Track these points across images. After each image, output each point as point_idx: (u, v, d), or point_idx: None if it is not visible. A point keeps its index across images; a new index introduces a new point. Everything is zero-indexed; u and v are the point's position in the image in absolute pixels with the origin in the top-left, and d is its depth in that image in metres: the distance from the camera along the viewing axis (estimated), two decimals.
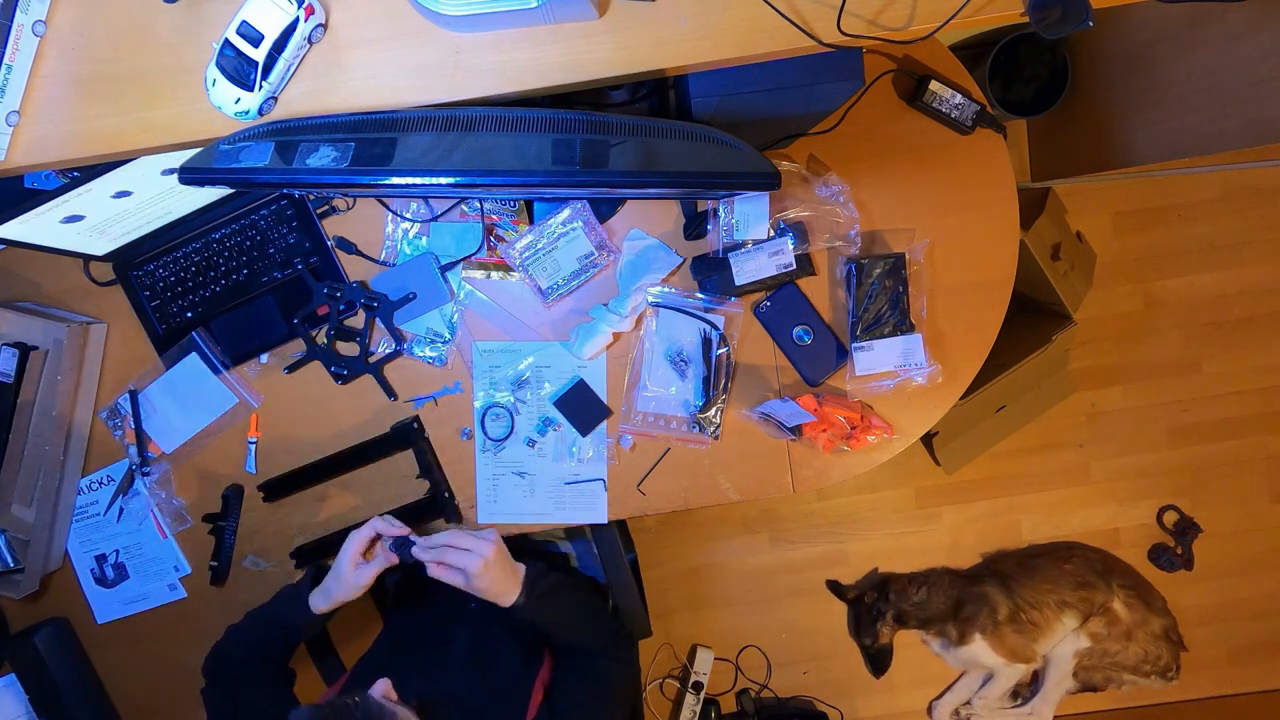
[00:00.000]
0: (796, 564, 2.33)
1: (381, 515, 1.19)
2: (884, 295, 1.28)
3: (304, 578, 1.20)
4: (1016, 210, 1.31)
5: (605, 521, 1.35)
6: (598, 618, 1.25)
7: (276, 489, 1.35)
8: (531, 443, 1.34)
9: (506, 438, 1.34)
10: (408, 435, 1.33)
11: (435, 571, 1.11)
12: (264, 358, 1.36)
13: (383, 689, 0.99)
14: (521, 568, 1.15)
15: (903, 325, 1.29)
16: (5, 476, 1.31)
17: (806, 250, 1.30)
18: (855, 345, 1.29)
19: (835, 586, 2.24)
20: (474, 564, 1.08)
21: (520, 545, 1.51)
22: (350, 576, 1.14)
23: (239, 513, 1.37)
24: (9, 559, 1.31)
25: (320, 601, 1.16)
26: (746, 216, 1.28)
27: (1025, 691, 2.17)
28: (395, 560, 1.15)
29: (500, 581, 1.11)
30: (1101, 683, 2.10)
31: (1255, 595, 2.31)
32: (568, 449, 1.34)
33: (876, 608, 2.11)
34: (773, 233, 1.29)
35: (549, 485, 1.35)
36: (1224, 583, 2.30)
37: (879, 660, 2.14)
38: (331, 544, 1.35)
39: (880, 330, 1.29)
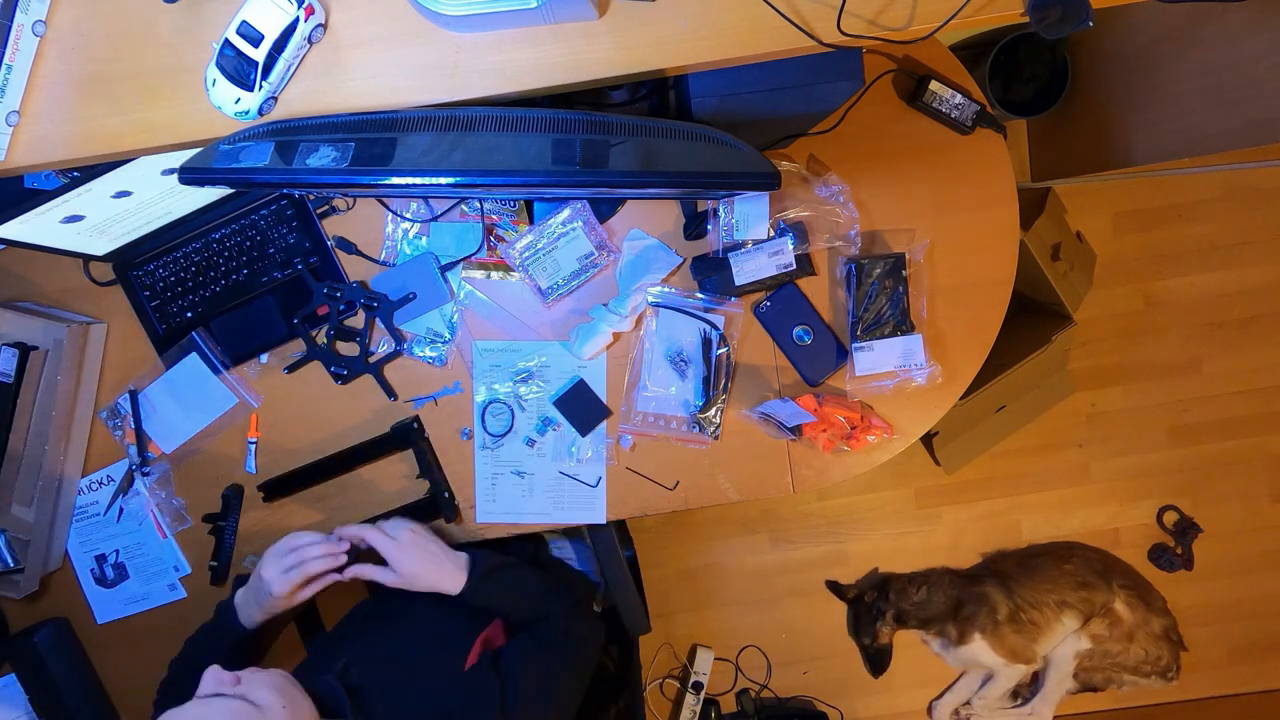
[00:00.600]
0: (796, 564, 2.33)
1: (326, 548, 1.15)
2: (884, 295, 1.28)
3: (229, 597, 1.16)
4: (1016, 210, 1.31)
5: (604, 522, 1.35)
6: (549, 589, 1.21)
7: (276, 489, 1.35)
8: (531, 442, 1.34)
9: (506, 433, 1.34)
10: (408, 435, 1.33)
11: (358, 572, 1.11)
12: (264, 358, 1.36)
13: (211, 675, 0.91)
14: (463, 555, 1.15)
15: (903, 325, 1.29)
16: (5, 476, 1.31)
17: (806, 250, 1.30)
18: (855, 345, 1.29)
19: (835, 586, 2.24)
20: (389, 548, 1.09)
21: (503, 546, 1.51)
22: (286, 598, 1.10)
23: (239, 513, 1.37)
24: (9, 559, 1.31)
25: (255, 615, 1.13)
26: (746, 216, 1.28)
27: (1025, 692, 2.18)
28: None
29: (433, 568, 1.11)
30: (1102, 683, 2.10)
31: (1255, 595, 2.31)
32: (567, 449, 1.34)
33: (876, 607, 2.12)
34: (773, 233, 1.29)
35: (548, 485, 1.35)
36: (1224, 583, 2.30)
37: (878, 660, 2.14)
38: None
39: (880, 330, 1.29)
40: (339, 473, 1.36)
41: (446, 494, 1.34)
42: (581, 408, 1.33)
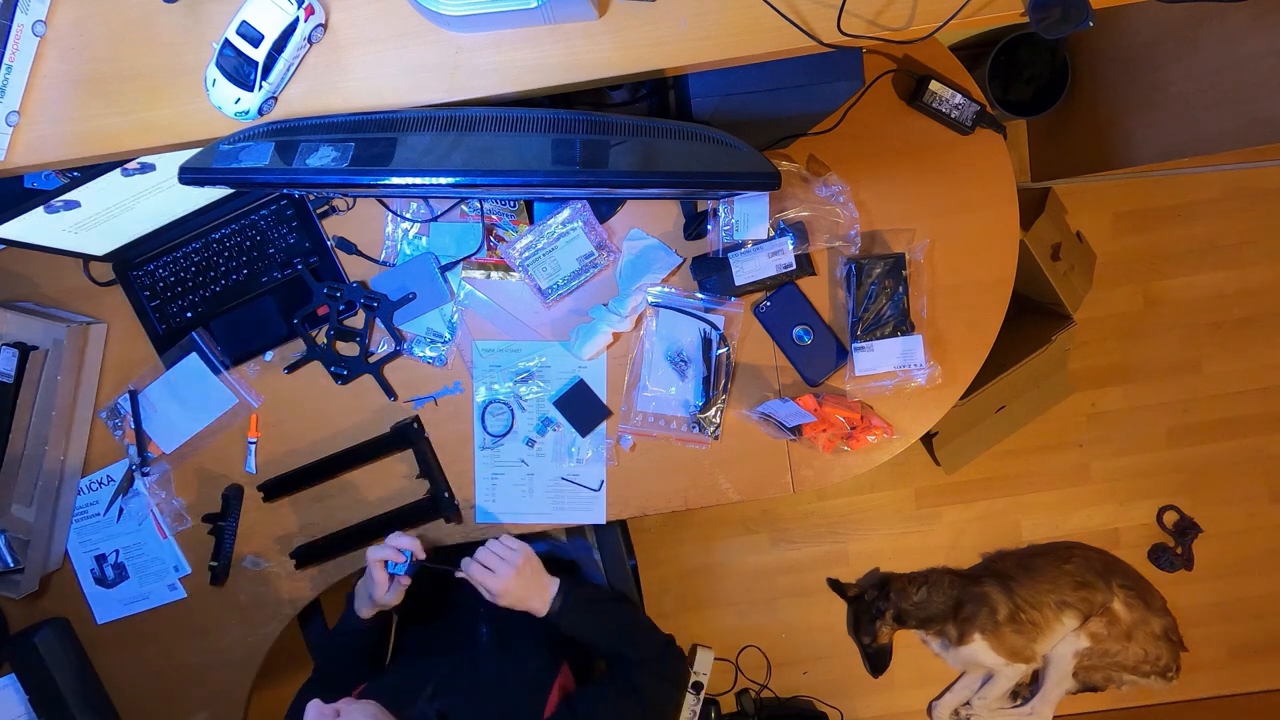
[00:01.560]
0: (796, 564, 2.33)
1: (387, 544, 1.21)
2: (884, 295, 1.28)
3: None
4: (1016, 210, 1.31)
5: (603, 522, 1.35)
6: (638, 629, 1.23)
7: (276, 489, 1.35)
8: (531, 442, 1.34)
9: (506, 434, 1.34)
10: (408, 435, 1.33)
11: (471, 571, 1.16)
12: (269, 355, 1.36)
13: (313, 710, 0.95)
14: (554, 580, 1.17)
15: (903, 325, 1.29)
16: (5, 476, 1.31)
17: (806, 250, 1.30)
18: (855, 345, 1.29)
19: (836, 585, 2.24)
20: (498, 582, 1.13)
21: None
22: (382, 597, 1.16)
23: (239, 513, 1.37)
24: (9, 559, 1.31)
25: (364, 608, 1.19)
26: (746, 216, 1.28)
27: (1025, 692, 2.17)
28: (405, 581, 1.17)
29: (530, 594, 1.15)
30: (1101, 683, 2.10)
31: (1255, 595, 2.31)
32: (567, 449, 1.34)
33: (876, 606, 2.12)
34: (773, 233, 1.29)
35: (547, 485, 1.35)
36: (1224, 583, 2.30)
37: (878, 660, 2.14)
38: (331, 545, 1.36)
39: (880, 330, 1.29)
40: (339, 472, 1.36)
41: (446, 493, 1.34)
42: (581, 408, 1.33)
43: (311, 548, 1.36)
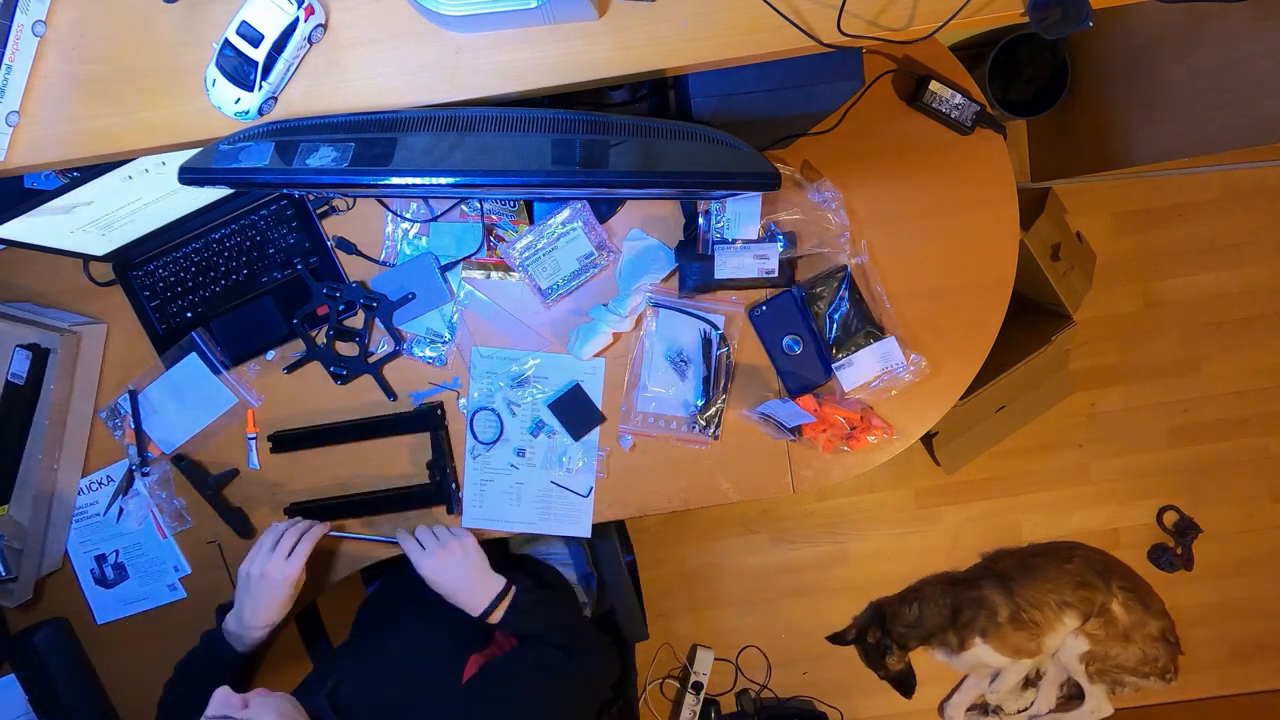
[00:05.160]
0: (796, 564, 2.33)
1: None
2: (849, 308, 1.28)
3: (215, 629, 1.18)
4: (1016, 210, 1.31)
5: (588, 535, 1.34)
6: (579, 632, 1.24)
7: (288, 443, 1.35)
8: (521, 451, 1.34)
9: (495, 441, 1.34)
10: (429, 419, 1.33)
11: (402, 540, 1.20)
12: (271, 354, 1.36)
13: (220, 696, 0.92)
14: (498, 584, 1.16)
15: (874, 332, 1.28)
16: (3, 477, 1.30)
17: (795, 255, 1.29)
18: (835, 365, 1.28)
19: (835, 638, 2.22)
20: (424, 561, 1.15)
21: (503, 554, 1.51)
22: (298, 577, 1.15)
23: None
24: (1, 569, 1.30)
25: (242, 637, 1.15)
26: (738, 216, 1.27)
27: (1038, 680, 2.17)
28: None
29: (459, 588, 1.14)
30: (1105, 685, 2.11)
31: (1255, 595, 2.31)
32: (558, 457, 1.34)
33: (881, 644, 2.11)
34: (763, 234, 1.28)
35: (535, 494, 1.34)
36: (1224, 583, 2.30)
37: (901, 684, 2.15)
38: (323, 510, 1.35)
39: (854, 343, 1.28)
40: (353, 439, 1.35)
41: (454, 484, 1.33)
42: (576, 412, 1.32)
43: (305, 507, 1.36)
